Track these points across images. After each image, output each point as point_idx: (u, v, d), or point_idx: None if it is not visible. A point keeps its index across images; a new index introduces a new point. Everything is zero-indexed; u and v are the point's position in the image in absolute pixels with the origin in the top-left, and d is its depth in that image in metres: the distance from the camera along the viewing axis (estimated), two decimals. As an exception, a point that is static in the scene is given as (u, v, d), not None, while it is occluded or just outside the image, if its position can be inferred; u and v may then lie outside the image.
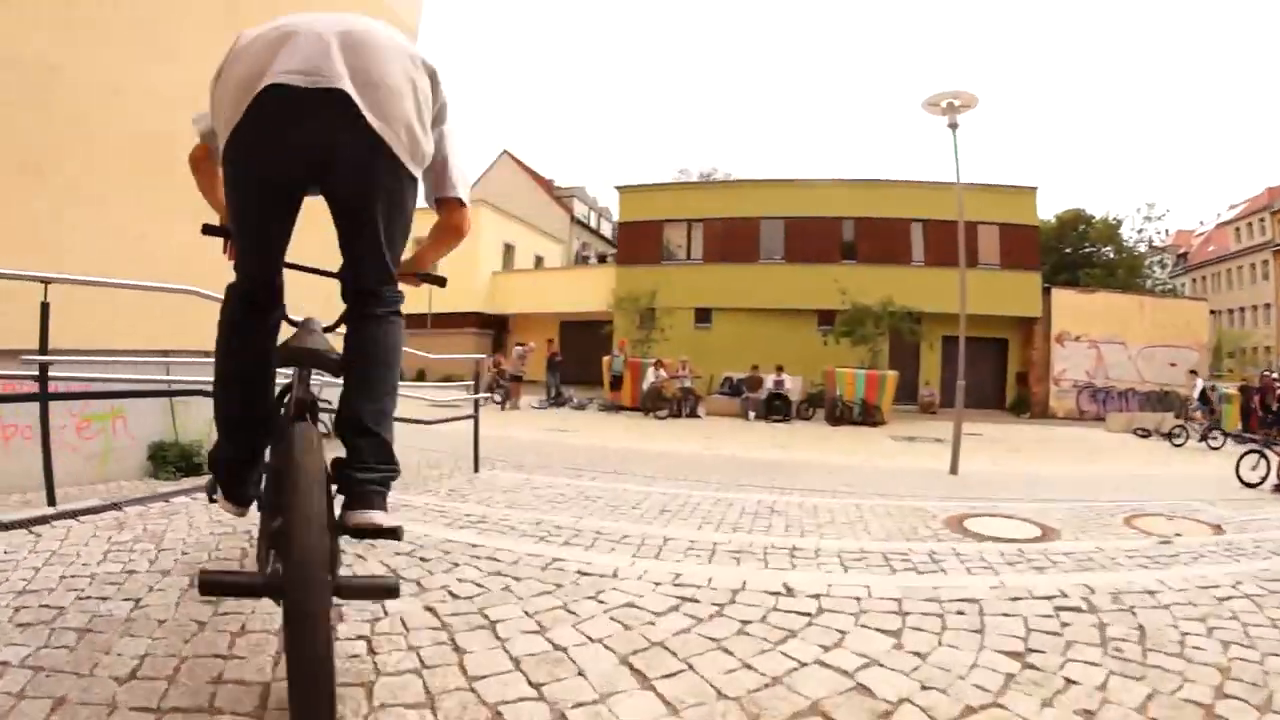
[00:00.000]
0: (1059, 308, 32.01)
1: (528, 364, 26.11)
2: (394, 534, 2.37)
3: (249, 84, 2.27)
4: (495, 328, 40.59)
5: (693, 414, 24.23)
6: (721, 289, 33.57)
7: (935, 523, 6.26)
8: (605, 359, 27.21)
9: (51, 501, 4.51)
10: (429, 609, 2.88)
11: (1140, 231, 51.94)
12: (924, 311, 26.56)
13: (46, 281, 4.50)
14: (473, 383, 9.65)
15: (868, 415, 23.70)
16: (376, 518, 2.33)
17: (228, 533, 3.91)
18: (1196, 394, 22.70)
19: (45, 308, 4.49)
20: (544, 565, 3.51)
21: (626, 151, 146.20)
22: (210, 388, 3.03)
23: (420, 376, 36.22)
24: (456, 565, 3.49)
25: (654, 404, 23.82)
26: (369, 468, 2.41)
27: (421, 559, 3.57)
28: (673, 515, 6.32)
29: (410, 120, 2.42)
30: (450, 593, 3.09)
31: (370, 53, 2.37)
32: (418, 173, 2.53)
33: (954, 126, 14.63)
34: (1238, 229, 64.60)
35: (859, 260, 32.04)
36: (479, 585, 3.19)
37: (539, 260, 46.02)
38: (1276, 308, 55.79)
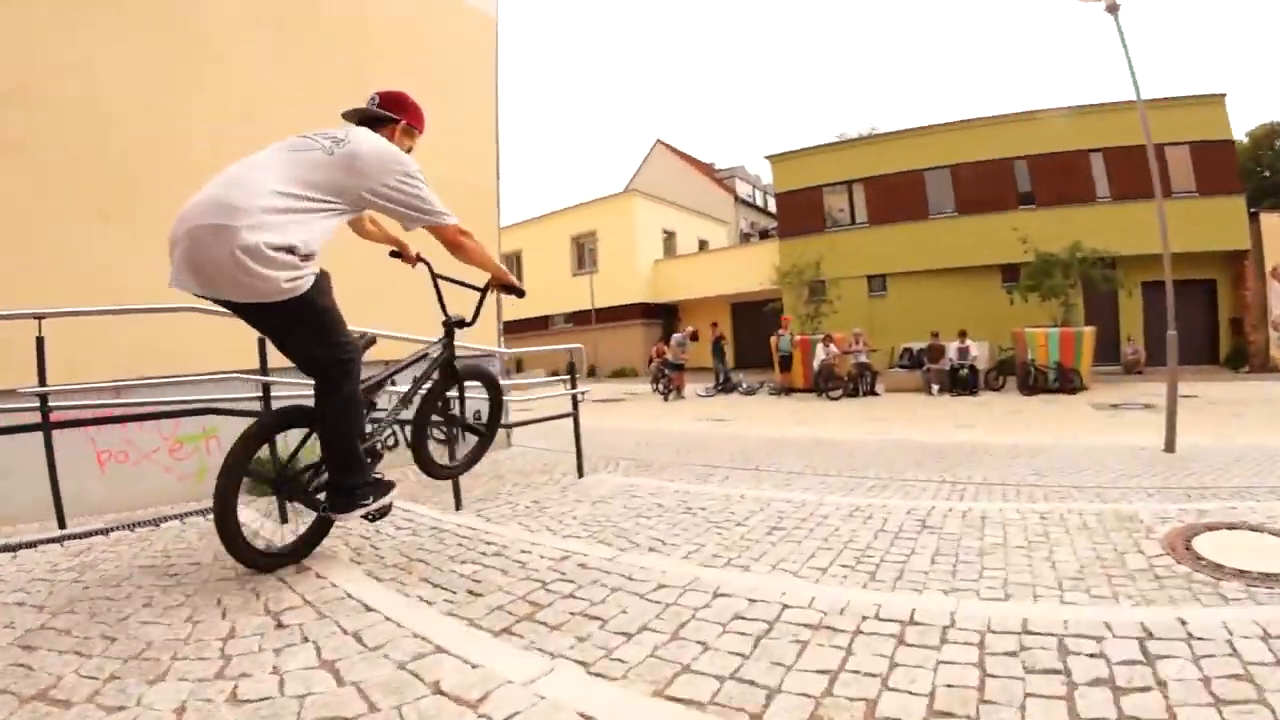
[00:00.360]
0: (1271, 236, 27.16)
1: (689, 351, 24.74)
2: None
3: None
4: (664, 317, 39.57)
5: (870, 391, 22.48)
6: (892, 252, 31.46)
7: (1151, 544, 4.27)
8: (772, 339, 25.35)
9: (61, 524, 5.14)
10: None
11: None
12: (1117, 255, 23.78)
13: (40, 317, 4.93)
14: (569, 377, 8.54)
15: (1064, 381, 21.29)
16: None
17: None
18: None
19: (40, 342, 4.90)
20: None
21: (781, 124, 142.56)
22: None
23: (591, 372, 36.31)
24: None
25: (826, 383, 22.06)
26: None
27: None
28: (782, 537, 4.81)
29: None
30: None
31: None
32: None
33: (1114, 9, 11.97)
34: None
35: (1037, 204, 29.21)
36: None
37: (703, 244, 44.57)
38: None
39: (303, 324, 3.37)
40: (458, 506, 6.24)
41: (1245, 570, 3.69)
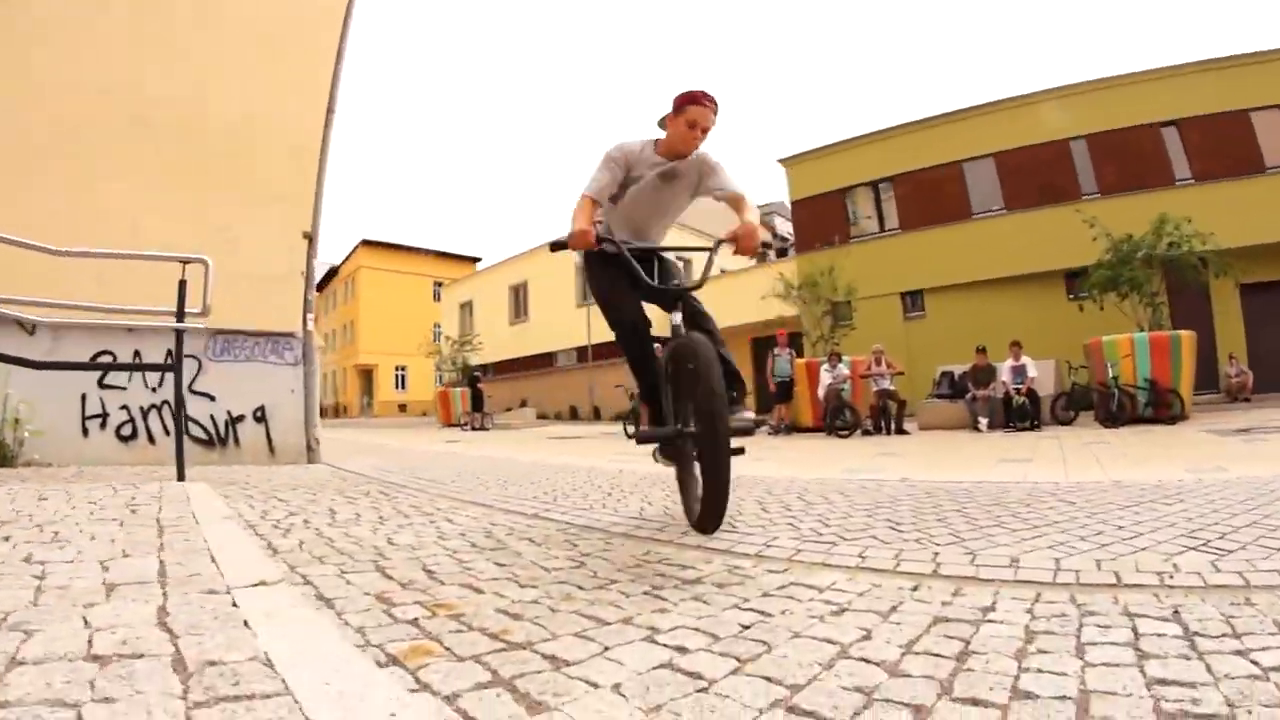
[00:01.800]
0: None
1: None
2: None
3: None
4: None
5: (898, 429, 16.79)
6: (930, 262, 26.38)
7: None
8: (769, 361, 19.52)
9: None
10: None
11: None
12: (1205, 251, 18.20)
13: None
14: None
15: (1160, 404, 15.55)
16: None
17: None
18: None
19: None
20: None
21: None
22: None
23: (595, 414, 32.05)
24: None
25: (835, 416, 16.71)
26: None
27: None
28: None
29: None
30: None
31: None
32: None
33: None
34: None
35: (1102, 192, 24.05)
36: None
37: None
38: None
39: None
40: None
41: None
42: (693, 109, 4.34)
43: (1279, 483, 5.74)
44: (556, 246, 4.59)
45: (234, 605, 2.37)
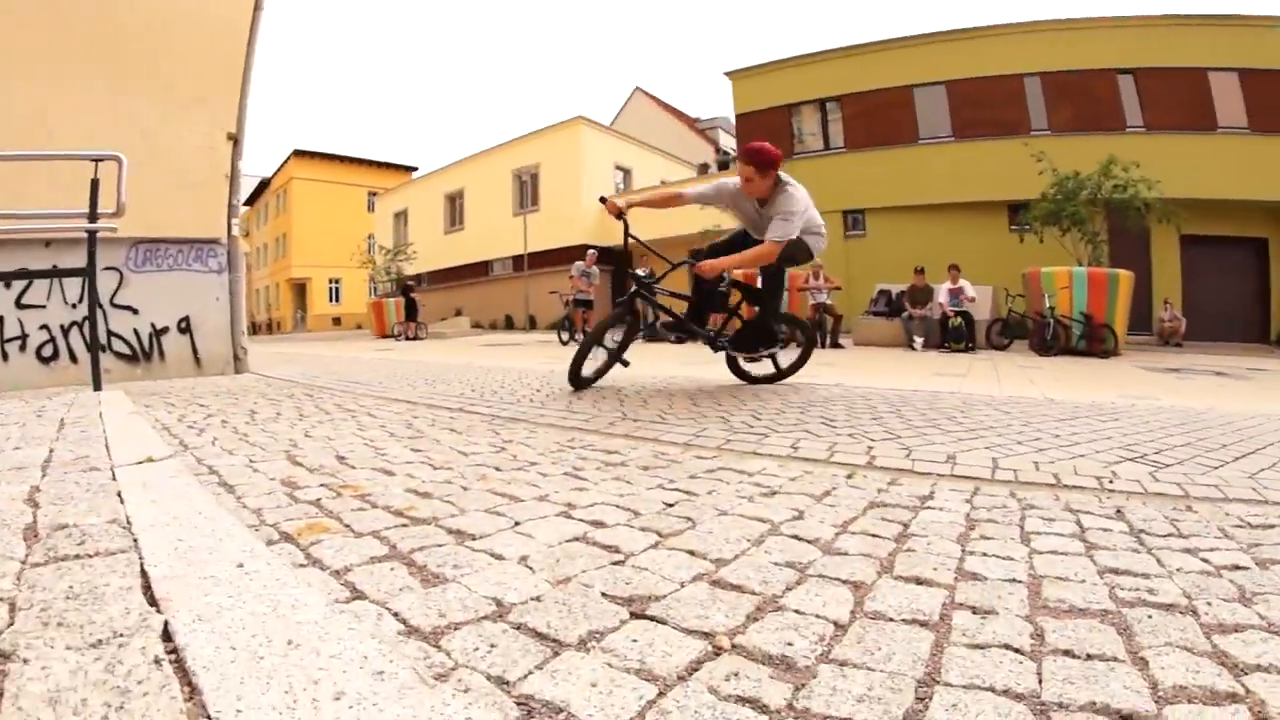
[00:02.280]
0: None
1: (596, 283, 19.29)
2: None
3: None
4: (615, 262, 34.03)
5: (833, 343, 16.71)
6: (874, 183, 26.00)
7: None
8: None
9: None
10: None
11: None
12: (1150, 198, 18.25)
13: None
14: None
15: (1094, 338, 15.66)
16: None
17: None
18: None
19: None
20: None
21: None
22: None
23: (530, 323, 31.72)
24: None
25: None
26: None
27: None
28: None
29: None
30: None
31: None
32: None
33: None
34: None
35: (1052, 129, 23.81)
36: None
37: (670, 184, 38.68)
38: None
39: None
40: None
41: None
42: (738, 165, 6.00)
43: (1212, 414, 5.81)
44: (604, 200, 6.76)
45: (111, 479, 2.19)
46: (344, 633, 1.19)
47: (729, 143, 48.85)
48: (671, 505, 2.35)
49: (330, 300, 53.50)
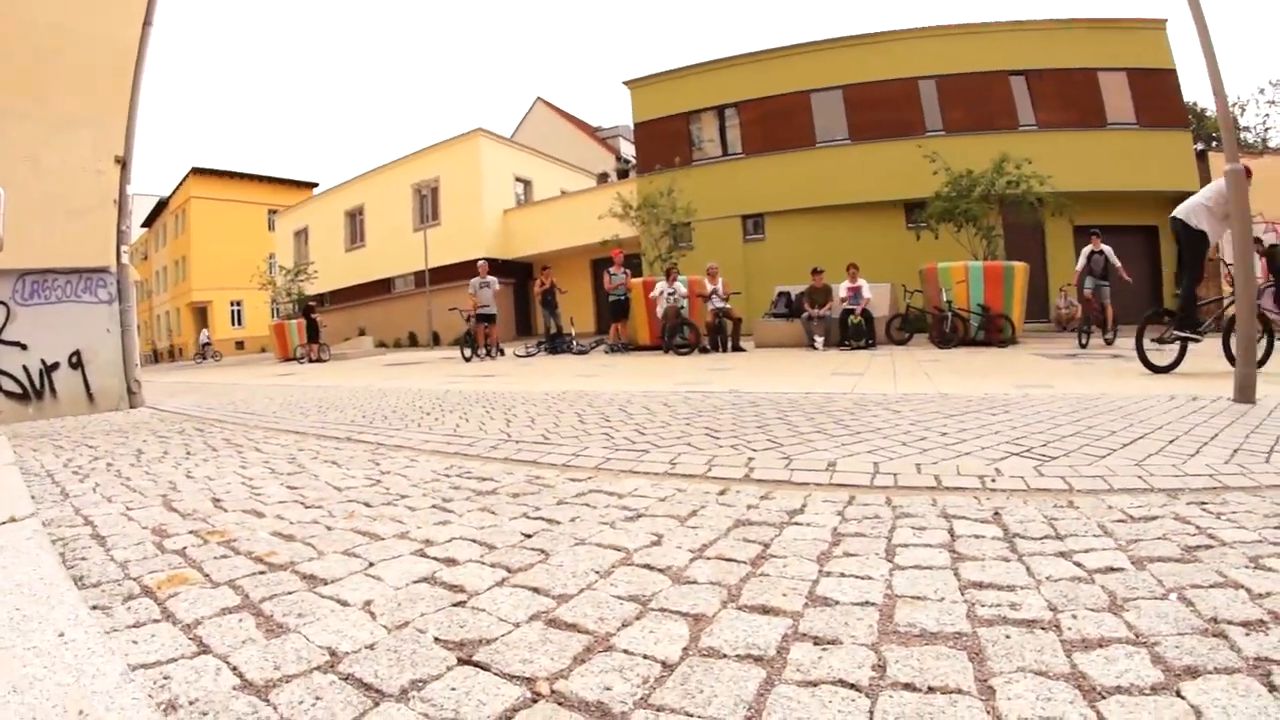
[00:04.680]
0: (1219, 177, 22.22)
1: (494, 298, 18.89)
2: None
3: None
4: (517, 275, 33.79)
5: (735, 347, 16.80)
6: (772, 187, 26.27)
7: None
8: (605, 279, 19.12)
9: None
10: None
11: (1266, 118, 41.52)
12: (1043, 192, 19.00)
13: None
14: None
15: (991, 329, 16.04)
16: None
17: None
18: None
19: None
20: None
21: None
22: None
23: (434, 340, 31.32)
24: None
25: (673, 335, 16.58)
26: None
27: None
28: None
29: None
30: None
31: None
32: None
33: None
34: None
35: (947, 130, 24.47)
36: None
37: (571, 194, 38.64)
38: None
39: None
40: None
41: None
42: None
43: (1104, 400, 5.96)
44: None
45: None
46: (128, 701, 1.24)
47: (630, 151, 49.24)
48: (530, 536, 2.38)
49: (232, 323, 51.46)
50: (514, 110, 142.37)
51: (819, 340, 16.79)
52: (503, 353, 19.01)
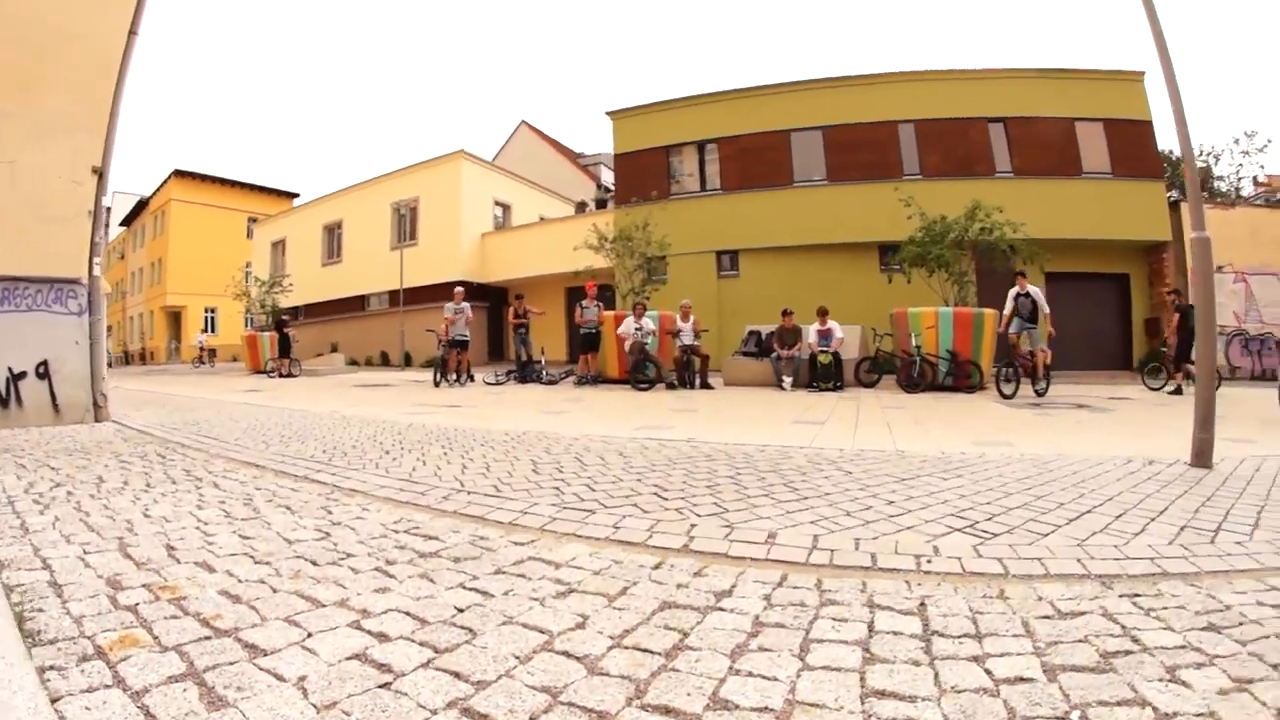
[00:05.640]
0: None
1: (468, 325, 18.98)
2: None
3: None
4: (491, 299, 33.86)
5: (703, 384, 16.95)
6: (748, 224, 26.46)
7: None
8: (577, 312, 19.25)
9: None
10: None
11: (1239, 168, 42.61)
12: (1015, 239, 19.00)
13: None
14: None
15: (959, 375, 16.11)
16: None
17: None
18: None
19: None
20: None
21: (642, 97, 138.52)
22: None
23: (406, 360, 31.17)
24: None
25: (637, 369, 16.57)
26: None
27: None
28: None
29: None
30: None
31: None
32: None
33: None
34: (1347, 173, 56.44)
35: (924, 174, 24.72)
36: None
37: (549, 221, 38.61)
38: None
39: None
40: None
41: None
42: None
43: (1059, 462, 6.03)
44: None
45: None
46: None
47: (610, 178, 49.37)
48: (462, 611, 2.47)
49: (205, 330, 50.59)
50: (499, 131, 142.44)
51: (787, 381, 16.87)
52: (473, 379, 18.96)
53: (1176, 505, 4.39)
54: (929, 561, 3.23)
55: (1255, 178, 42.40)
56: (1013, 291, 15.30)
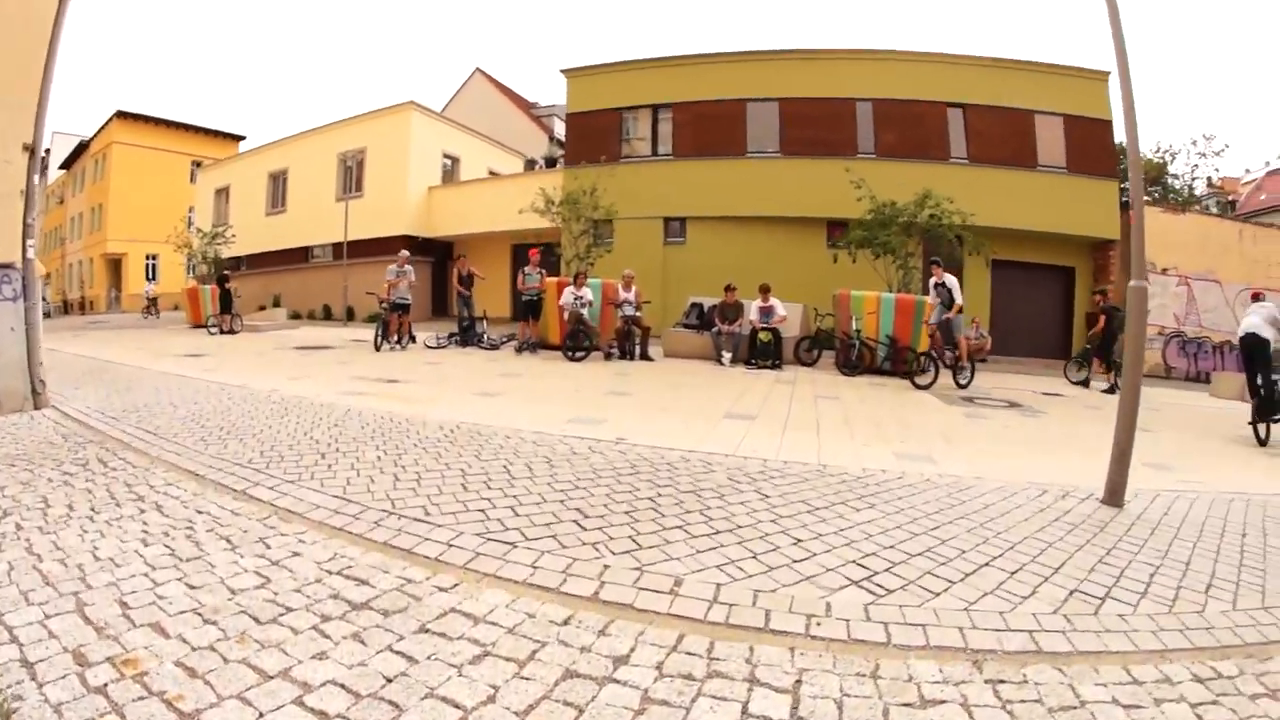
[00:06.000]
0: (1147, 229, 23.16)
1: (408, 283, 18.90)
2: None
3: None
4: (437, 254, 33.83)
5: (643, 355, 17.31)
6: (698, 192, 26.54)
7: None
8: (519, 279, 18.99)
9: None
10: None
11: (1194, 168, 44.03)
12: (967, 226, 19.90)
13: None
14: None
15: (897, 360, 16.52)
16: None
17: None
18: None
19: None
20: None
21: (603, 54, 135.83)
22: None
23: (349, 315, 30.89)
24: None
25: (574, 339, 16.86)
26: None
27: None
28: None
29: None
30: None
31: None
32: None
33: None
34: (1300, 177, 58.92)
35: (879, 153, 25.09)
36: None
37: (494, 176, 38.57)
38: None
39: None
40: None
41: None
42: None
43: (974, 490, 6.23)
44: None
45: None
46: None
47: (562, 130, 49.02)
48: (390, 681, 2.70)
49: (147, 278, 48.49)
50: (454, 77, 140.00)
51: (726, 356, 17.28)
52: (414, 339, 19.10)
53: (1074, 561, 4.53)
54: (818, 624, 3.40)
55: (1209, 179, 43.97)
56: (931, 281, 15.42)
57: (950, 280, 15.04)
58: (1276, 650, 3.50)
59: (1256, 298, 13.48)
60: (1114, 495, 6.01)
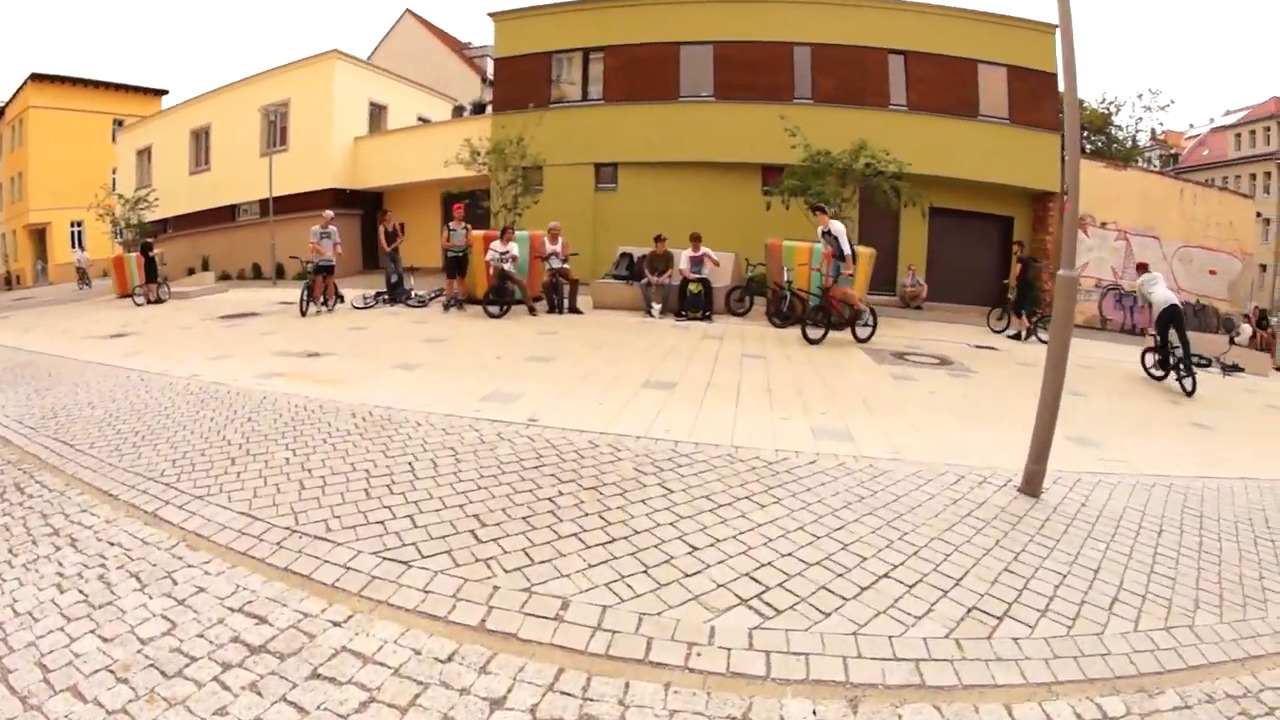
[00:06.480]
0: (1081, 183, 22.97)
1: (335, 246, 18.66)
2: None
3: None
4: (365, 206, 33.22)
5: (571, 308, 17.47)
6: (629, 137, 26.22)
7: None
8: (443, 234, 18.93)
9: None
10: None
11: (1139, 121, 45.27)
12: (904, 173, 19.93)
13: None
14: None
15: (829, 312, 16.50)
16: None
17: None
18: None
19: None
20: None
21: None
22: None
23: (279, 273, 30.41)
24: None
25: (499, 294, 16.91)
26: None
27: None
28: None
29: None
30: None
31: None
32: None
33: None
34: (1238, 135, 61.62)
35: (816, 99, 24.98)
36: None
37: (424, 123, 37.67)
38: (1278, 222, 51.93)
39: None
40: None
41: None
42: None
43: (889, 476, 6.29)
44: None
45: None
46: None
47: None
48: None
49: (73, 247, 47.17)
50: (383, 19, 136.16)
51: (655, 308, 17.42)
52: (342, 300, 18.90)
53: (979, 570, 4.56)
54: (699, 655, 3.44)
55: (1154, 131, 45.13)
56: (819, 229, 15.26)
57: (837, 227, 14.83)
58: (1168, 683, 3.57)
59: (1143, 268, 14.58)
60: (1031, 485, 6.12)
